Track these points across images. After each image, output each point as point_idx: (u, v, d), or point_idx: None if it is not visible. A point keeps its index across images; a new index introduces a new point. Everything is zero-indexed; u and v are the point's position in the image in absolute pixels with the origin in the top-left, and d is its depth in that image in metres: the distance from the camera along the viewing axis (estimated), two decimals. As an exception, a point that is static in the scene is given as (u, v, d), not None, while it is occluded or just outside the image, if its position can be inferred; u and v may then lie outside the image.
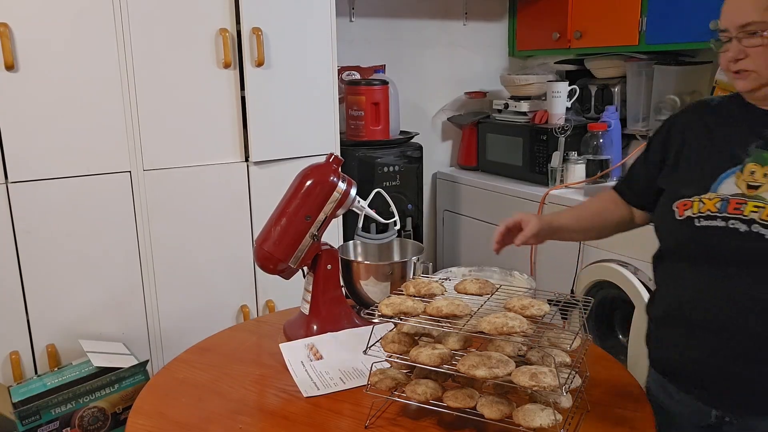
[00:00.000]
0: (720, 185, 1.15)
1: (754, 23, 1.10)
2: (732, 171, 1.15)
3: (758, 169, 1.12)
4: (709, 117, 1.25)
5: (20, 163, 1.85)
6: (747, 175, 1.13)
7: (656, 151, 1.30)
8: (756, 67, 1.12)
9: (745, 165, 1.13)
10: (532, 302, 1.08)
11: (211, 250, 2.15)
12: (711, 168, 1.18)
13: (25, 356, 1.91)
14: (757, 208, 1.09)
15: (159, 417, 1.15)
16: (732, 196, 1.12)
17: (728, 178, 1.15)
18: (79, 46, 1.87)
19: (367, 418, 1.10)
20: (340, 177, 1.44)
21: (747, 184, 1.12)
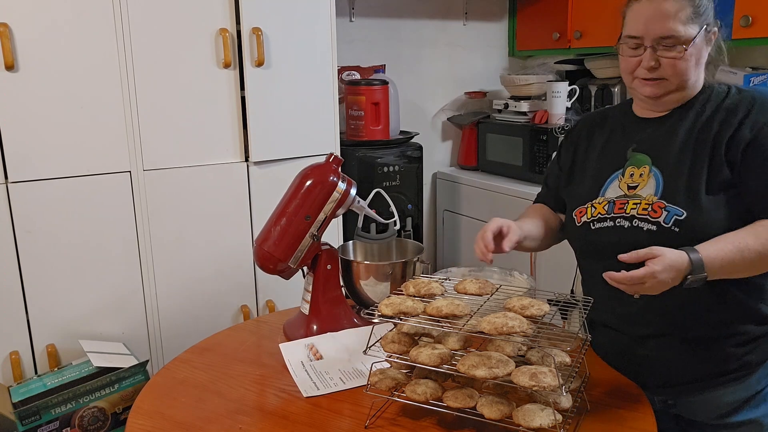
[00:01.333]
0: (607, 189, 1.28)
1: (673, 37, 1.15)
2: (615, 175, 1.27)
3: (635, 170, 1.24)
4: (596, 128, 1.38)
5: (20, 163, 1.84)
6: (627, 178, 1.25)
7: (556, 166, 1.45)
8: (668, 75, 1.18)
9: (625, 168, 1.26)
10: (532, 302, 1.08)
11: (211, 250, 2.15)
12: (598, 175, 1.30)
13: (25, 356, 1.91)
14: (635, 204, 1.21)
15: (159, 417, 1.15)
16: (617, 198, 1.25)
17: (613, 182, 1.27)
18: (79, 46, 1.87)
19: (367, 418, 1.10)
20: (340, 177, 1.44)
21: (627, 185, 1.24)
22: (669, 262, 1.04)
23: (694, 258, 1.07)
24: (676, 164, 1.20)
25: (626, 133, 1.31)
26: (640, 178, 1.23)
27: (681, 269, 1.06)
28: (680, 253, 1.07)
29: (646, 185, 1.22)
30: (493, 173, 3.00)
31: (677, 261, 1.05)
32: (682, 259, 1.06)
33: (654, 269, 1.03)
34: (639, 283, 1.05)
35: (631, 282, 1.05)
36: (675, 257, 1.05)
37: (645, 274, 1.04)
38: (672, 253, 1.06)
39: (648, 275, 1.04)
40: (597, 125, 1.38)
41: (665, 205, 1.17)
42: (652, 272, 1.03)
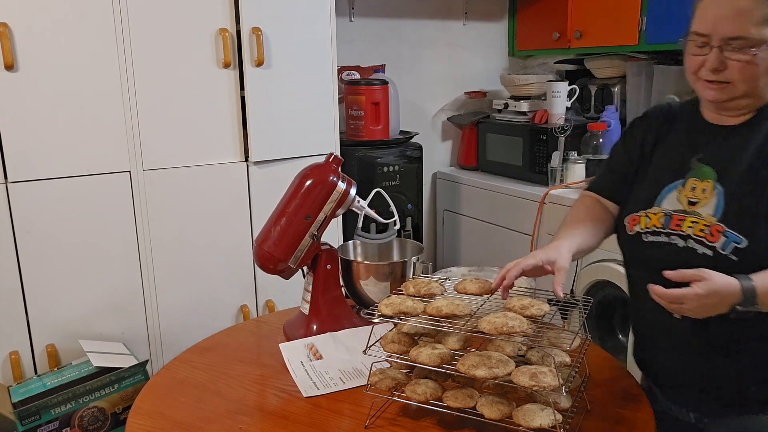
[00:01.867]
0: (663, 199, 1.17)
1: (744, 38, 1.04)
2: (675, 185, 1.16)
3: (698, 184, 1.13)
4: (663, 126, 1.24)
5: (20, 163, 1.84)
6: (688, 191, 1.14)
7: (622, 151, 1.31)
8: (735, 79, 1.07)
9: (687, 179, 1.15)
10: (532, 302, 1.08)
11: (210, 250, 2.15)
12: (657, 181, 1.19)
13: (25, 356, 1.91)
14: (693, 223, 1.11)
15: (159, 417, 1.15)
16: (674, 212, 1.15)
17: (671, 192, 1.16)
18: (78, 46, 1.87)
19: (367, 418, 1.10)
20: (339, 177, 1.44)
21: (688, 199, 1.14)
22: (715, 288, 0.98)
23: (746, 287, 0.98)
24: (741, 184, 1.09)
25: (692, 138, 1.18)
26: (702, 194, 1.12)
27: (728, 297, 0.99)
28: (731, 280, 0.99)
29: (707, 203, 1.11)
30: (493, 173, 3.00)
31: (725, 287, 0.98)
32: (731, 287, 0.98)
33: (697, 292, 0.97)
34: (678, 303, 1.00)
35: (671, 300, 1.00)
36: (723, 283, 0.98)
37: (686, 294, 0.98)
38: (721, 278, 0.98)
39: (690, 297, 0.98)
40: (668, 121, 1.24)
41: (724, 230, 1.07)
42: (694, 294, 0.98)
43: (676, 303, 1.00)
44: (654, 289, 1.01)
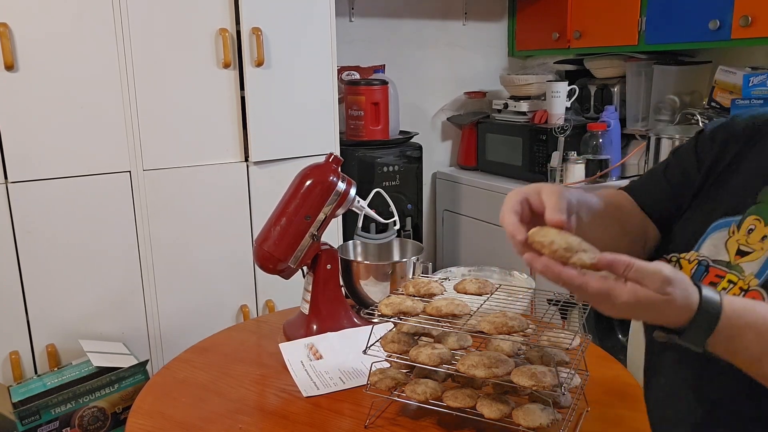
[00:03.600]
0: (707, 239, 0.88)
1: None
2: (727, 222, 0.87)
3: (759, 225, 0.83)
4: (746, 144, 0.92)
5: (20, 163, 1.85)
6: (743, 234, 0.84)
7: (694, 160, 0.97)
8: None
9: (746, 216, 0.84)
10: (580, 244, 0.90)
11: (210, 250, 2.15)
12: (708, 214, 0.90)
13: (25, 356, 1.91)
14: (729, 284, 0.84)
15: (159, 417, 1.15)
16: (713, 264, 0.87)
17: (720, 231, 0.87)
18: (78, 46, 1.87)
19: (367, 418, 1.10)
20: (339, 177, 1.44)
21: (738, 246, 0.84)
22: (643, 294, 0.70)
23: (708, 302, 0.71)
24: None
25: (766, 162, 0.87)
26: (760, 243, 0.83)
27: (669, 310, 0.71)
28: (687, 288, 0.71)
29: (760, 256, 0.82)
30: (493, 173, 3.00)
31: (664, 300, 0.70)
32: (682, 300, 0.70)
33: (636, 292, 0.69)
34: (579, 289, 0.71)
35: (596, 292, 0.71)
36: (665, 277, 0.69)
37: (616, 290, 0.70)
38: (664, 270, 0.70)
39: (622, 293, 0.70)
40: (752, 137, 0.92)
41: (764, 299, 0.79)
42: (631, 293, 0.70)
43: (578, 289, 0.71)
44: (553, 269, 0.72)
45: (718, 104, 2.43)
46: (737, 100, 2.29)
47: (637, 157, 2.65)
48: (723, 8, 2.20)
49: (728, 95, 2.37)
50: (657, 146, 2.34)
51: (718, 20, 2.21)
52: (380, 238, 1.60)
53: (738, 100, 2.29)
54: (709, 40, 2.28)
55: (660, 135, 2.34)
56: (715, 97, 2.44)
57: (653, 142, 2.35)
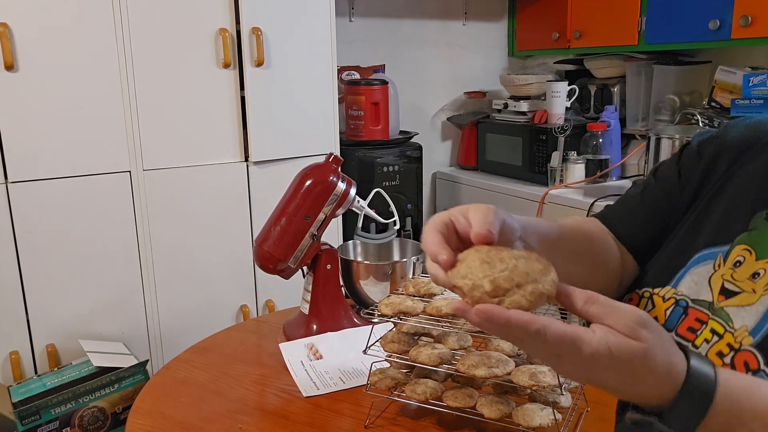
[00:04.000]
0: (687, 273, 0.72)
1: None
2: (713, 253, 0.71)
3: (748, 258, 0.67)
4: (740, 157, 0.76)
5: (20, 163, 1.85)
6: (728, 267, 0.68)
7: (676, 176, 0.82)
8: None
9: (734, 245, 0.69)
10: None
11: (210, 250, 2.15)
12: (689, 242, 0.75)
13: (25, 356, 1.91)
14: (713, 335, 0.67)
15: (159, 417, 1.15)
16: (693, 304, 0.70)
17: (703, 263, 0.71)
18: (78, 46, 1.87)
19: (367, 418, 1.10)
20: (339, 177, 1.44)
21: (723, 283, 0.68)
22: (640, 354, 0.53)
23: (698, 374, 0.54)
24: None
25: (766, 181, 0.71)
26: (751, 281, 0.66)
27: (654, 379, 0.54)
28: (671, 348, 0.55)
29: (753, 302, 0.65)
30: (493, 173, 3.00)
31: (658, 361, 0.53)
32: (667, 366, 0.54)
33: (608, 343, 0.53)
34: (535, 336, 0.53)
35: (557, 340, 0.53)
36: (659, 353, 0.54)
37: (584, 338, 0.53)
38: (660, 341, 0.54)
39: (594, 346, 0.53)
40: (742, 152, 0.75)
41: (759, 364, 0.62)
42: (604, 346, 0.52)
43: (531, 342, 0.54)
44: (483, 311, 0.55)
45: (718, 104, 2.43)
46: (737, 100, 2.29)
47: (637, 157, 2.65)
48: (723, 8, 2.20)
49: (728, 95, 2.37)
50: (657, 146, 2.33)
51: (718, 20, 2.21)
52: (380, 238, 1.60)
53: (738, 100, 2.29)
54: (709, 40, 2.28)
55: (660, 135, 2.34)
56: (715, 97, 2.44)
57: (653, 142, 2.35)
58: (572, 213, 2.37)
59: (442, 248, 0.62)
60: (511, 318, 0.53)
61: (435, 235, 0.63)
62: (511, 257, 0.59)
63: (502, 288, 0.57)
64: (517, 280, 0.57)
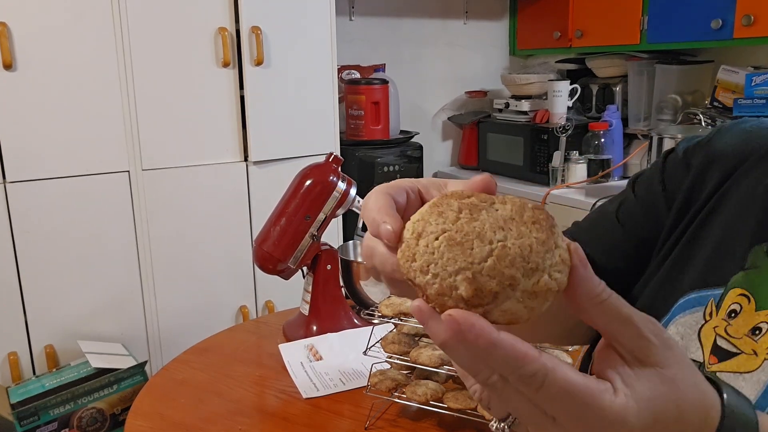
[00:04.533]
0: (671, 322, 0.58)
1: None
2: (703, 298, 0.56)
3: (746, 306, 0.53)
4: (730, 171, 0.61)
5: (18, 163, 1.84)
6: (720, 318, 0.54)
7: (660, 190, 0.66)
8: None
9: (728, 290, 0.55)
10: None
11: (210, 251, 2.14)
12: (673, 281, 0.60)
13: (24, 357, 1.90)
14: None
15: (158, 418, 1.14)
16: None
17: (691, 311, 0.57)
18: (77, 46, 1.86)
19: (367, 419, 1.09)
20: (339, 177, 1.43)
21: (715, 339, 0.54)
22: (671, 400, 0.38)
23: (738, 414, 0.40)
24: None
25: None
26: (751, 340, 0.52)
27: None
28: (705, 387, 0.40)
29: (758, 369, 0.51)
30: (494, 173, 2.99)
31: (691, 405, 0.39)
32: (702, 409, 0.39)
33: (627, 405, 0.37)
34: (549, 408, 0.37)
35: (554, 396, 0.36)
36: (690, 394, 0.39)
37: (595, 395, 0.36)
38: (688, 383, 0.39)
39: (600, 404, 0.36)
40: (738, 163, 0.60)
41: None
42: (621, 405, 0.37)
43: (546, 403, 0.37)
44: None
45: (720, 104, 2.42)
46: (740, 100, 2.28)
47: (639, 157, 2.64)
48: (725, 7, 2.19)
49: (730, 95, 2.36)
50: (659, 146, 2.33)
51: (721, 19, 2.20)
52: (380, 238, 1.58)
53: (740, 99, 2.28)
54: (712, 39, 2.27)
55: (662, 135, 2.33)
56: (718, 96, 2.43)
57: (655, 142, 2.34)
58: (574, 213, 2.36)
59: (387, 214, 0.42)
60: (500, 345, 0.35)
61: (383, 197, 0.44)
62: (495, 223, 0.37)
63: (487, 291, 0.35)
64: (510, 272, 0.36)
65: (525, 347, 0.35)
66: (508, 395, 0.37)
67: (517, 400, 0.37)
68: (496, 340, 0.34)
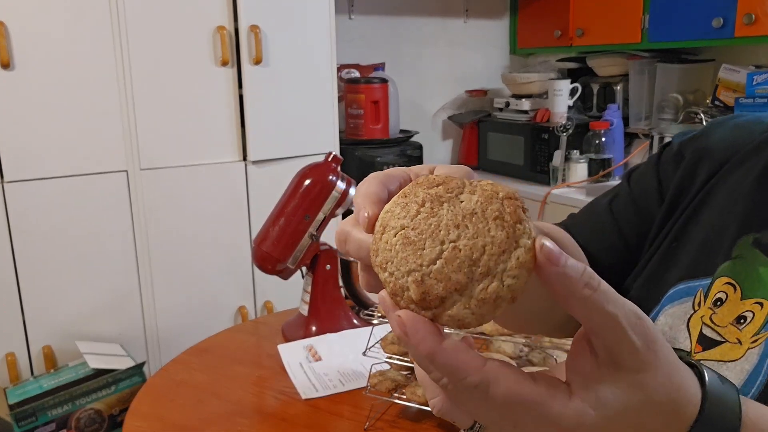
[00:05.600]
0: (660, 313, 0.58)
1: None
2: (691, 288, 0.57)
3: (731, 295, 0.53)
4: (720, 165, 0.61)
5: (16, 163, 1.83)
6: (706, 308, 0.54)
7: (654, 187, 0.67)
8: None
9: (714, 279, 0.55)
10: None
11: (208, 251, 2.14)
12: (662, 272, 0.61)
13: (22, 358, 1.89)
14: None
15: (156, 419, 1.13)
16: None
17: (680, 301, 0.57)
18: (75, 44, 1.85)
19: (367, 420, 1.09)
20: (339, 176, 1.43)
21: (701, 328, 0.54)
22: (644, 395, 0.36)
23: (719, 397, 0.38)
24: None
25: (761, 193, 0.56)
26: (735, 328, 0.52)
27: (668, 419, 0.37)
28: (685, 379, 0.38)
29: (741, 358, 0.51)
30: (494, 172, 2.98)
31: (666, 395, 0.36)
32: (679, 401, 0.37)
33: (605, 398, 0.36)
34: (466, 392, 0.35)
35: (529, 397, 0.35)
36: (663, 384, 0.36)
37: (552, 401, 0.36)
38: (661, 371, 0.36)
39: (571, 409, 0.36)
40: (728, 158, 0.61)
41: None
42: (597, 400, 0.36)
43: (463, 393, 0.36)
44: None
45: (721, 102, 2.41)
46: (741, 99, 2.27)
47: (640, 156, 2.63)
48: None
49: (732, 94, 2.36)
50: (660, 145, 2.32)
51: (722, 18, 2.19)
52: (380, 238, 1.58)
53: (742, 98, 2.27)
54: (713, 38, 2.26)
55: (663, 134, 2.33)
56: (719, 95, 2.42)
57: (656, 141, 2.34)
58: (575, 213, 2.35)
59: (371, 201, 0.40)
60: (436, 355, 0.34)
61: (374, 185, 0.42)
62: (453, 219, 0.35)
63: (434, 296, 0.35)
64: (457, 277, 0.34)
65: (466, 358, 0.34)
66: (462, 399, 0.36)
67: (472, 405, 0.36)
68: (436, 349, 0.34)
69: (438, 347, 0.34)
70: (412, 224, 0.36)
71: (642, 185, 0.68)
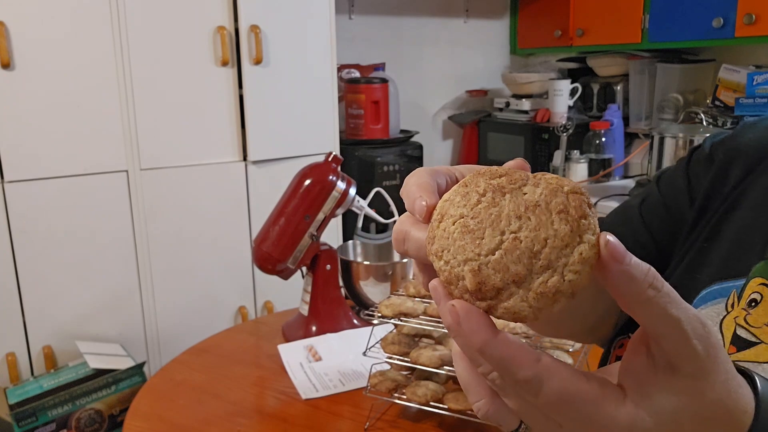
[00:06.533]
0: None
1: None
2: (725, 289, 0.56)
3: (766, 294, 0.53)
4: (759, 165, 0.60)
5: (16, 163, 1.83)
6: (740, 309, 0.54)
7: (685, 190, 0.66)
8: None
9: (748, 280, 0.54)
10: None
11: (209, 251, 2.14)
12: (695, 273, 0.60)
13: (22, 358, 1.89)
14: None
15: (156, 419, 1.13)
16: None
17: (714, 302, 0.56)
18: (76, 44, 1.85)
19: (367, 420, 1.09)
20: (339, 176, 1.43)
21: (735, 329, 0.53)
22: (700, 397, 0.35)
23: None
24: None
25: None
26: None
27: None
28: (737, 383, 0.36)
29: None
30: (494, 172, 2.98)
31: (717, 402, 0.35)
32: (732, 407, 0.36)
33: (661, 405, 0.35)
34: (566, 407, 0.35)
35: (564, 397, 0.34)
36: (718, 389, 0.35)
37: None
38: (714, 374, 0.35)
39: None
40: (761, 159, 0.60)
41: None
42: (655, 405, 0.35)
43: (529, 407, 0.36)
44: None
45: (722, 103, 2.41)
46: (741, 99, 2.27)
47: (640, 156, 2.63)
48: (727, 6, 2.18)
49: (732, 94, 2.36)
50: (660, 145, 2.32)
51: (722, 18, 2.19)
52: (380, 238, 1.58)
53: (742, 98, 2.27)
54: (713, 38, 2.26)
55: (663, 134, 2.32)
56: (719, 95, 2.42)
57: (657, 141, 2.33)
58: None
59: (426, 190, 0.39)
60: (489, 346, 0.34)
61: (426, 176, 0.41)
62: (515, 210, 0.35)
63: (490, 286, 0.34)
64: (516, 269, 0.34)
65: (520, 351, 0.34)
66: (510, 395, 0.35)
67: (520, 402, 0.35)
68: (490, 341, 0.34)
69: (492, 338, 0.34)
70: (471, 213, 0.35)
71: (672, 188, 0.67)
